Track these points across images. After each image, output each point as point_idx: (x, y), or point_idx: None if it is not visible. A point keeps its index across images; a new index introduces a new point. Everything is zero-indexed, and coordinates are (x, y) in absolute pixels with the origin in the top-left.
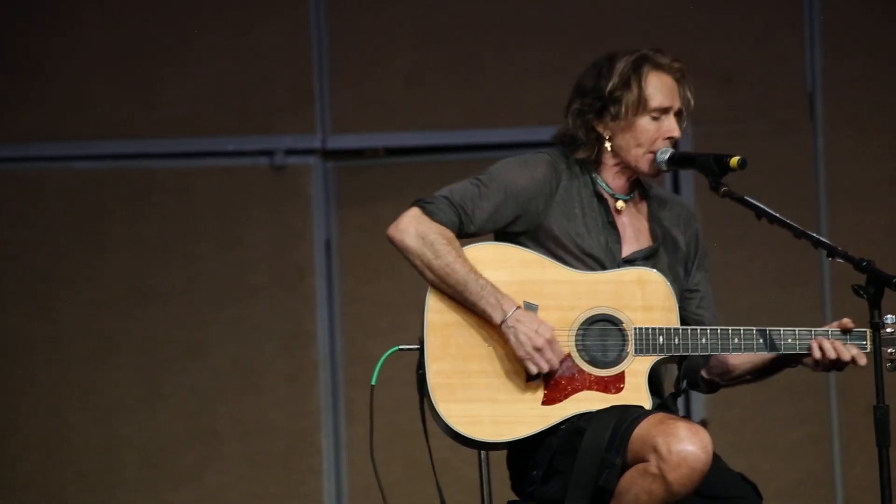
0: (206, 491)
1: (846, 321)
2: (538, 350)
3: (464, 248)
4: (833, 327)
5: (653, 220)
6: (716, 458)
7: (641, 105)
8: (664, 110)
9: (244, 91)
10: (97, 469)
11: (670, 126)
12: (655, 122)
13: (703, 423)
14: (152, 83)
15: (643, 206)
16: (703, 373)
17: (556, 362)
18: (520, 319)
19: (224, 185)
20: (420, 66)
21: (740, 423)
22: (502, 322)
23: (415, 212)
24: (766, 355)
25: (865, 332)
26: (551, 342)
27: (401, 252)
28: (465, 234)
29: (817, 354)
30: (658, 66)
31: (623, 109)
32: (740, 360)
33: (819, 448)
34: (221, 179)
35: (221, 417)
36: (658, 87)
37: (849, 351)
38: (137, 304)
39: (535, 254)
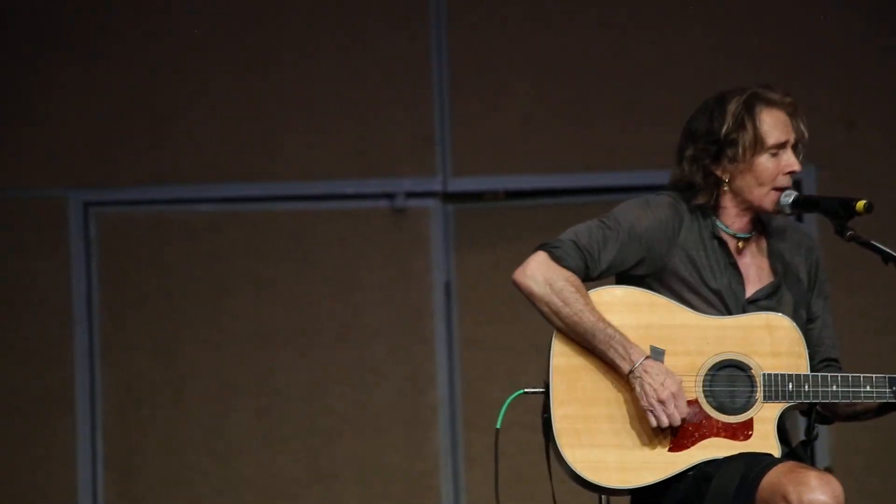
0: None
1: None
2: (662, 402)
3: (591, 290)
4: None
5: (773, 254)
6: None
7: (759, 144)
8: (782, 145)
9: (365, 134)
10: None
11: (789, 160)
12: (774, 159)
13: (829, 471)
14: (274, 127)
15: (763, 242)
16: (818, 407)
17: (677, 417)
18: (647, 370)
19: (344, 227)
20: (539, 108)
21: (864, 471)
22: (630, 372)
23: (542, 256)
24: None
25: None
26: (676, 395)
27: (527, 298)
28: (590, 277)
29: None
30: (770, 103)
31: (740, 151)
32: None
33: None
34: (342, 222)
35: (340, 460)
36: (773, 124)
37: None
38: (258, 346)
39: (663, 297)
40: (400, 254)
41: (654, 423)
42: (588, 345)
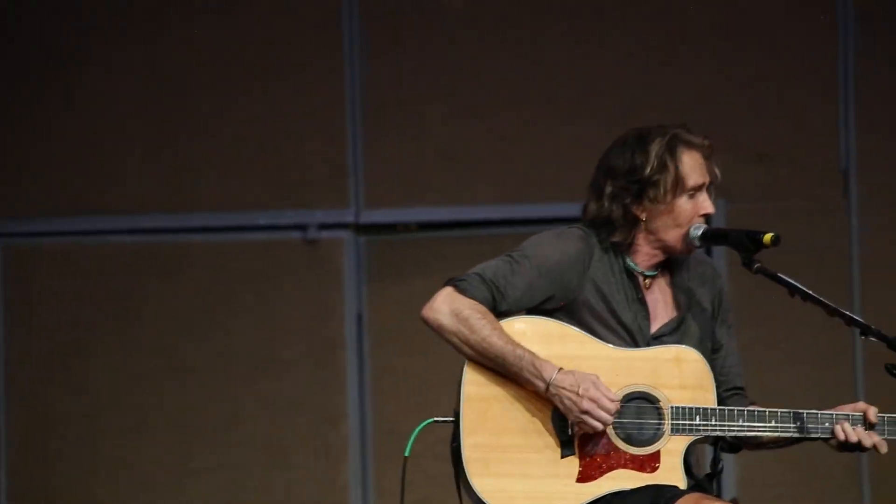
0: None
1: (871, 414)
2: (587, 413)
3: (503, 321)
4: (859, 411)
5: (677, 287)
6: None
7: (680, 186)
8: (699, 187)
9: (278, 165)
10: None
11: (705, 203)
12: (692, 201)
13: (734, 503)
14: (187, 157)
15: (668, 276)
16: (726, 437)
17: (608, 418)
18: (562, 384)
19: (257, 258)
20: (453, 141)
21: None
22: (546, 390)
23: (447, 290)
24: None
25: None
26: (596, 398)
27: (436, 332)
28: (498, 311)
29: (841, 437)
30: (690, 145)
31: (662, 192)
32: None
33: None
34: (254, 253)
35: (252, 492)
36: (692, 166)
37: (871, 439)
38: (170, 377)
39: (574, 329)
40: (312, 285)
41: (590, 431)
42: (500, 368)
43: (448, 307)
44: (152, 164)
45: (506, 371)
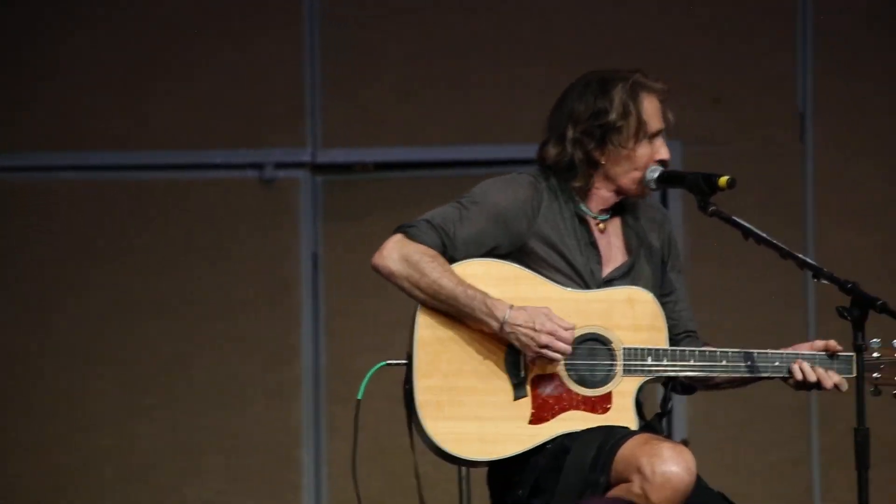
0: None
1: (832, 343)
2: (545, 346)
3: (456, 264)
4: (819, 349)
5: (628, 231)
6: (698, 478)
7: (642, 131)
8: (658, 133)
9: (236, 104)
10: (77, 481)
11: (662, 148)
12: (650, 146)
13: (684, 443)
14: (144, 95)
15: (618, 220)
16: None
17: (567, 348)
18: (515, 321)
19: (213, 198)
20: (411, 81)
21: (721, 444)
22: (500, 328)
23: (397, 237)
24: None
25: (851, 356)
26: (553, 331)
27: (388, 279)
28: (448, 257)
29: (798, 377)
30: (650, 90)
31: (625, 137)
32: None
33: (799, 470)
34: (210, 192)
35: (203, 431)
36: (652, 112)
37: (831, 379)
38: (122, 315)
39: (526, 271)
40: (268, 225)
41: (550, 365)
42: (452, 310)
43: (398, 253)
44: (108, 101)
45: (458, 313)
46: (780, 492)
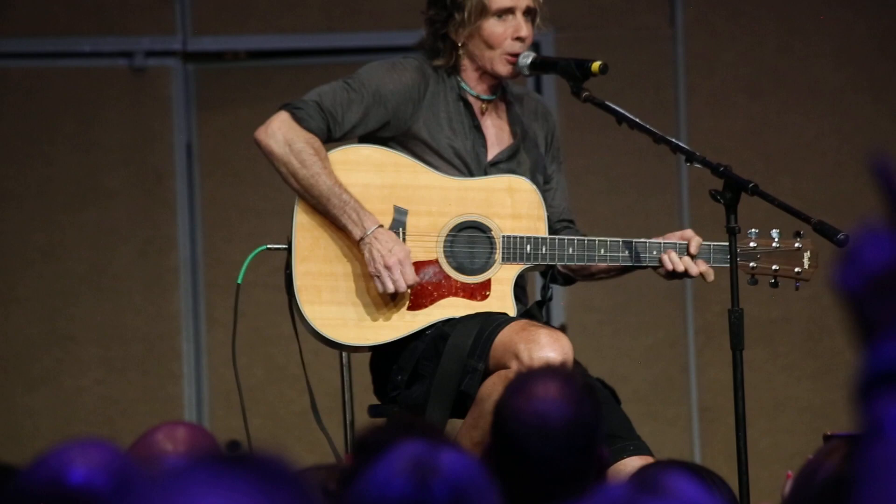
0: (63, 395)
1: (693, 246)
2: (388, 268)
3: (337, 149)
4: (685, 240)
5: (513, 118)
6: (576, 364)
7: (483, 8)
8: (508, 10)
9: None
10: None
11: (517, 26)
12: (502, 23)
13: (562, 329)
14: None
15: (503, 106)
16: (560, 266)
17: (402, 284)
18: (378, 237)
19: (81, 86)
20: None
21: (598, 328)
22: (361, 239)
23: (284, 116)
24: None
25: (725, 245)
26: (403, 262)
27: (267, 157)
28: (333, 139)
29: (669, 266)
30: None
31: (467, 15)
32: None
33: (675, 351)
34: (78, 81)
35: (77, 321)
36: None
37: (697, 267)
38: None
39: (408, 158)
40: (139, 114)
41: (380, 288)
42: (322, 209)
43: (283, 135)
44: None
45: (325, 212)
46: (656, 373)
